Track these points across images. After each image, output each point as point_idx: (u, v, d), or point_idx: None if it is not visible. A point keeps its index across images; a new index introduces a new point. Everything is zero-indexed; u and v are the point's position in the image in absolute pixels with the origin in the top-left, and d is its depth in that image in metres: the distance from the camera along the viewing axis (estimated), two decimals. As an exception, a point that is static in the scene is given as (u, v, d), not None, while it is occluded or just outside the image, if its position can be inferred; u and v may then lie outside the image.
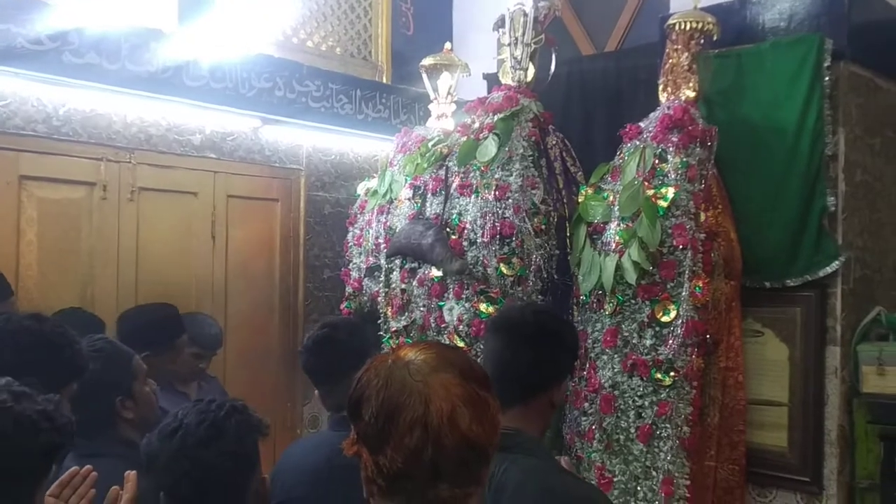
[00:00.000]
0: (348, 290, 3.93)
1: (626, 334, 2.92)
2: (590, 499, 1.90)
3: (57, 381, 1.78)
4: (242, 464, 1.72)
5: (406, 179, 3.57)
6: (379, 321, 3.55)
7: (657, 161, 2.95)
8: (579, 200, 3.18)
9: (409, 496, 1.16)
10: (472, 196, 3.20)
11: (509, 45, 3.38)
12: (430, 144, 3.53)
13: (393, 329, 3.45)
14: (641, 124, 3.08)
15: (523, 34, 3.35)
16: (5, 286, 3.05)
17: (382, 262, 3.60)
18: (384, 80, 4.78)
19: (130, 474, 1.93)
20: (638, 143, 3.04)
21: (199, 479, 1.65)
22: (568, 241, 3.22)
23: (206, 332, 3.59)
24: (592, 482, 2.88)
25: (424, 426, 1.12)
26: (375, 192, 3.82)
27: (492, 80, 3.97)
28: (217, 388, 3.60)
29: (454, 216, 3.26)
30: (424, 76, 3.93)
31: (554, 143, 3.37)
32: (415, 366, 1.17)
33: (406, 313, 3.40)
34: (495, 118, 3.25)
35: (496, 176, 3.17)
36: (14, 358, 1.70)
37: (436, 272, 3.27)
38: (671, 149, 2.93)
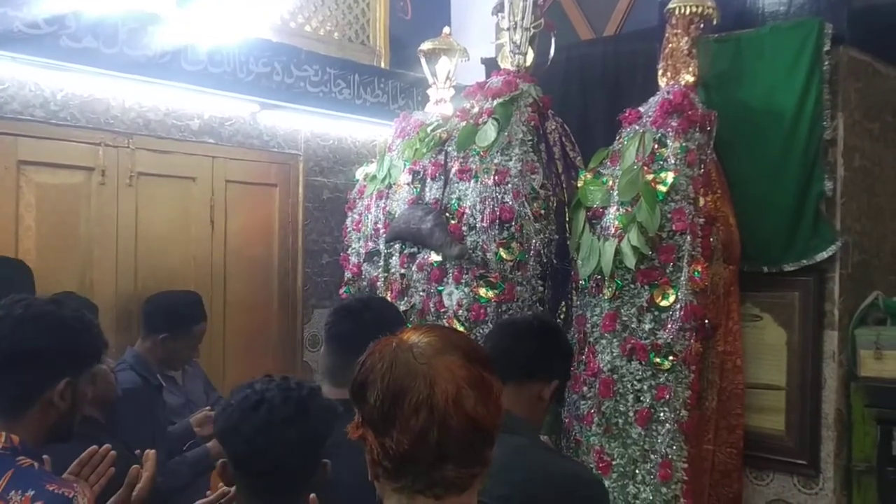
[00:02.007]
0: (347, 275, 3.93)
1: (625, 318, 2.93)
2: (577, 475, 1.95)
3: (76, 365, 1.80)
4: (318, 446, 1.72)
5: (405, 164, 3.57)
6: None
7: (656, 146, 2.95)
8: (578, 185, 3.18)
9: (415, 477, 1.17)
10: (472, 181, 3.21)
11: (508, 29, 3.38)
12: (428, 129, 3.53)
13: (392, 313, 3.45)
14: (641, 109, 3.09)
15: (522, 18, 3.35)
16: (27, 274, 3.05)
17: (381, 246, 3.60)
18: (382, 65, 4.76)
19: (150, 453, 1.96)
20: (637, 127, 3.04)
21: (276, 456, 1.65)
22: (567, 225, 3.23)
23: None
24: (591, 465, 2.91)
25: (430, 408, 1.13)
26: (374, 177, 3.82)
27: (490, 65, 3.96)
28: (199, 372, 3.60)
29: (453, 201, 3.26)
30: (423, 61, 3.92)
31: (553, 127, 3.37)
32: (419, 349, 1.18)
33: (405, 298, 3.40)
34: (494, 103, 3.25)
35: (495, 161, 3.17)
36: (36, 343, 1.72)
37: (435, 257, 3.27)
38: (671, 133, 2.94)
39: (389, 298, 3.47)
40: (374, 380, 1.17)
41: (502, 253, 3.11)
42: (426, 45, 3.89)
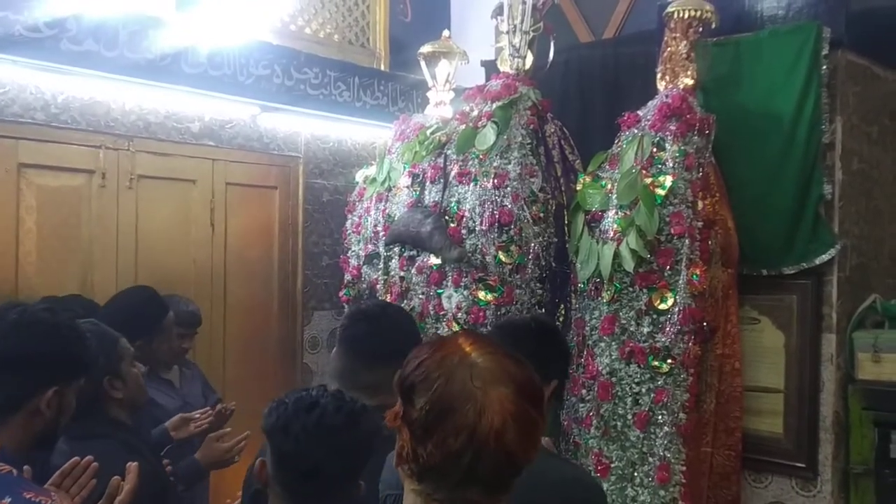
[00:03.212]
0: (347, 277, 3.94)
1: (623, 322, 2.93)
2: (577, 480, 1.97)
3: (66, 374, 1.81)
4: (361, 459, 1.73)
5: (404, 167, 3.58)
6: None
7: (655, 149, 2.96)
8: (577, 188, 3.19)
9: (437, 488, 1.18)
10: (471, 184, 3.21)
11: (508, 32, 3.39)
12: (428, 132, 3.54)
13: (392, 316, 3.45)
14: (640, 112, 3.09)
15: (522, 22, 3.35)
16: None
17: (381, 249, 3.61)
18: (382, 68, 4.77)
19: (132, 465, 1.93)
20: (636, 131, 3.05)
21: (320, 459, 1.67)
22: (566, 228, 3.23)
23: (184, 310, 3.49)
24: (589, 468, 2.91)
25: (471, 434, 1.14)
26: (374, 179, 3.82)
27: (490, 68, 3.97)
28: (198, 374, 3.58)
29: (453, 204, 3.27)
30: (423, 64, 3.93)
31: (552, 130, 3.38)
32: (477, 370, 1.18)
33: (405, 301, 3.41)
34: (494, 106, 3.25)
35: (495, 164, 3.18)
36: (28, 349, 1.73)
37: (434, 260, 3.28)
38: (669, 137, 2.94)
39: (389, 301, 3.48)
40: (426, 388, 1.18)
41: (501, 256, 3.12)
42: (426, 48, 3.90)
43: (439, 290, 3.27)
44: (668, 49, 3.14)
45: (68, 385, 1.80)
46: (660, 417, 2.86)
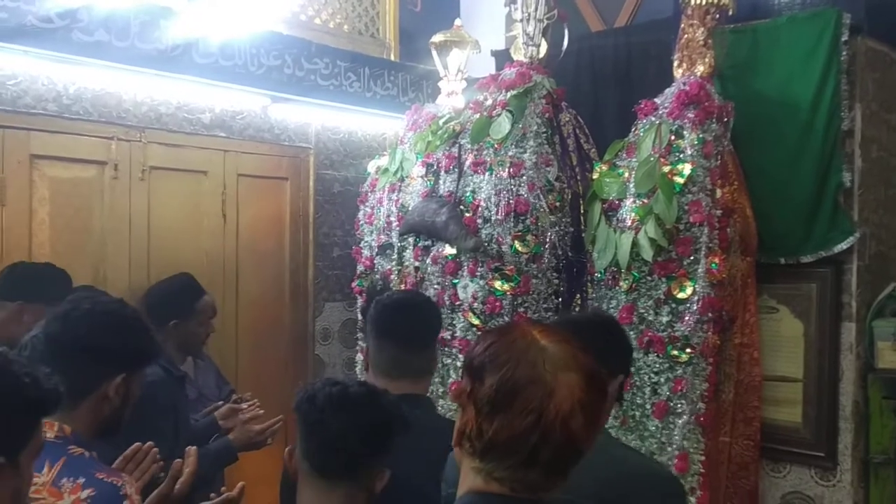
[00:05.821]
0: (360, 268, 3.92)
1: (641, 311, 2.92)
2: (659, 473, 1.94)
3: (133, 363, 1.87)
4: (384, 438, 1.77)
5: (417, 157, 3.55)
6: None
7: (673, 137, 2.93)
8: (594, 177, 3.17)
9: (498, 466, 1.20)
10: (486, 173, 3.19)
11: (521, 20, 3.36)
12: (441, 122, 3.51)
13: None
14: (657, 100, 3.07)
15: (536, 10, 3.33)
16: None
17: (395, 240, 3.59)
18: (392, 58, 4.74)
19: (191, 449, 2.03)
20: (653, 119, 3.02)
21: (343, 430, 1.72)
22: (582, 218, 3.21)
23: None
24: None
25: (539, 416, 1.16)
26: (386, 170, 3.80)
27: (500, 57, 3.94)
28: (211, 366, 3.58)
29: (468, 194, 3.25)
30: (434, 53, 3.91)
31: (567, 119, 3.36)
32: (549, 354, 1.21)
33: (420, 291, 3.39)
34: (508, 95, 3.23)
35: (510, 153, 3.15)
36: (100, 337, 1.80)
37: (449, 250, 3.26)
38: (687, 125, 2.92)
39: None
40: (497, 367, 1.20)
41: (517, 245, 3.10)
42: (438, 37, 3.87)
43: (455, 281, 3.25)
44: (685, 36, 3.11)
45: (134, 373, 1.87)
46: (678, 407, 2.85)
